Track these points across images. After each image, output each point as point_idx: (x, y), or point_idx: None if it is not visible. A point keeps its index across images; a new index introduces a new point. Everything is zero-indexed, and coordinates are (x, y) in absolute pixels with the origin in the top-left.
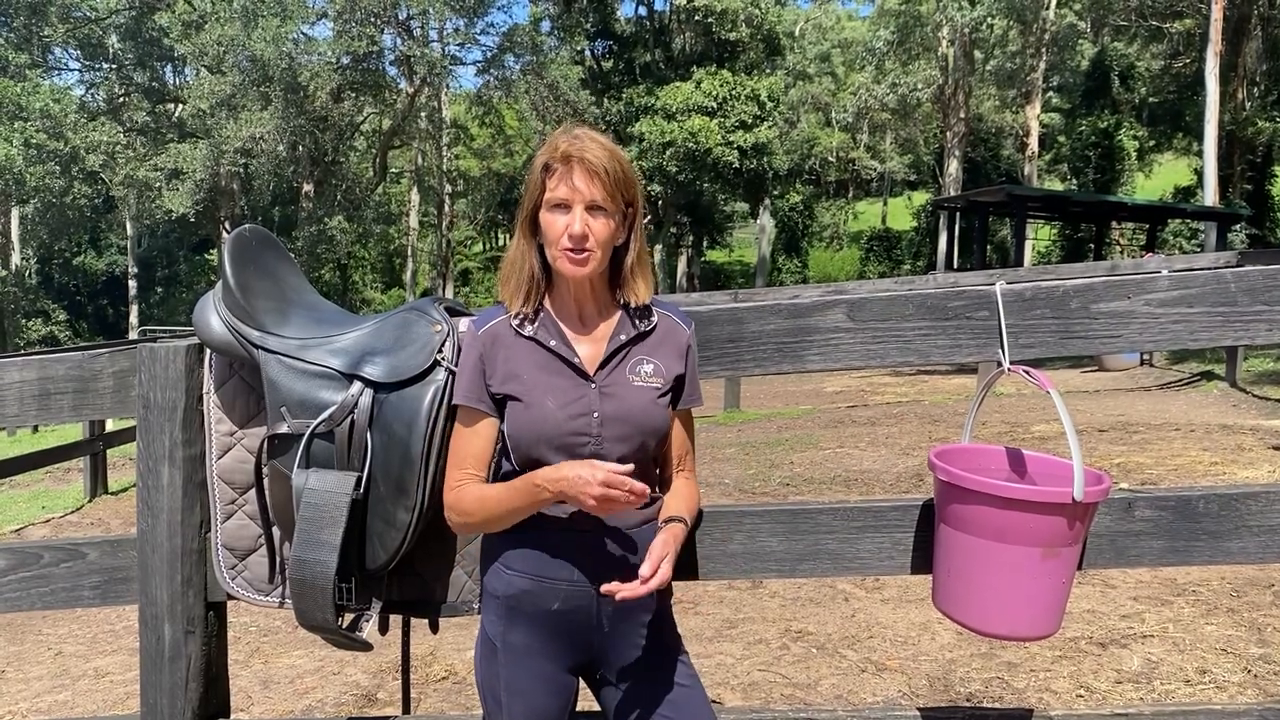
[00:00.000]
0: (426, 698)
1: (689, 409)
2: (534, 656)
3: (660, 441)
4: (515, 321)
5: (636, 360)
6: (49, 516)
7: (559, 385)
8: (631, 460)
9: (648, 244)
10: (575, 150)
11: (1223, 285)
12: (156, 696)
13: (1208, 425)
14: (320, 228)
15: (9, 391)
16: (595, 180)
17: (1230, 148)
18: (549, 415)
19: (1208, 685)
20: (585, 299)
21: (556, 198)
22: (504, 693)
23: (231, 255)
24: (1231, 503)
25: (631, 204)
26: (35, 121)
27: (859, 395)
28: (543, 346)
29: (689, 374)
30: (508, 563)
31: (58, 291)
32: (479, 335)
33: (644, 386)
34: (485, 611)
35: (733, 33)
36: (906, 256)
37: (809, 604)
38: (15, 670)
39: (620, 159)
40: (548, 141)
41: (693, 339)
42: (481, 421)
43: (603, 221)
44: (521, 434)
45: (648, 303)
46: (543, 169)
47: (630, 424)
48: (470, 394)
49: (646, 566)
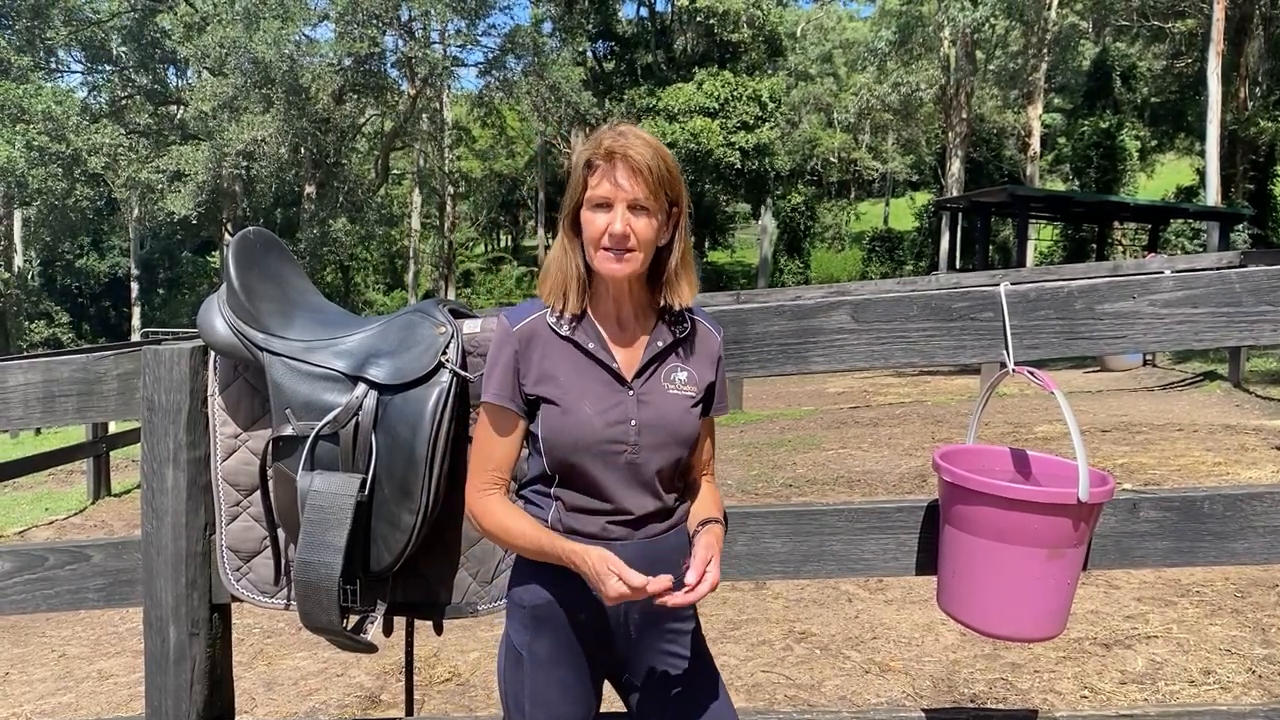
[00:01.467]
0: (430, 699)
1: (713, 416)
2: (559, 666)
3: (692, 450)
4: (553, 320)
5: (672, 368)
6: (52, 518)
7: (596, 390)
8: (665, 470)
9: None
10: (619, 146)
11: (1227, 285)
12: (161, 699)
13: (1211, 425)
14: (323, 230)
15: (14, 394)
16: (638, 178)
17: (1232, 147)
18: (586, 421)
19: (1212, 686)
20: (624, 300)
21: (598, 196)
22: (528, 702)
23: (235, 258)
24: (1236, 503)
25: (676, 203)
26: (38, 124)
27: (862, 396)
28: (580, 349)
29: (719, 383)
30: (536, 573)
31: (60, 293)
32: (514, 332)
33: (679, 395)
34: (510, 619)
35: (734, 33)
36: (909, 257)
37: (812, 605)
38: (19, 672)
39: (665, 156)
40: (591, 137)
41: (722, 347)
42: (511, 422)
43: (645, 221)
44: (558, 439)
45: (689, 305)
46: (584, 166)
47: (667, 432)
48: (502, 393)
49: (693, 573)
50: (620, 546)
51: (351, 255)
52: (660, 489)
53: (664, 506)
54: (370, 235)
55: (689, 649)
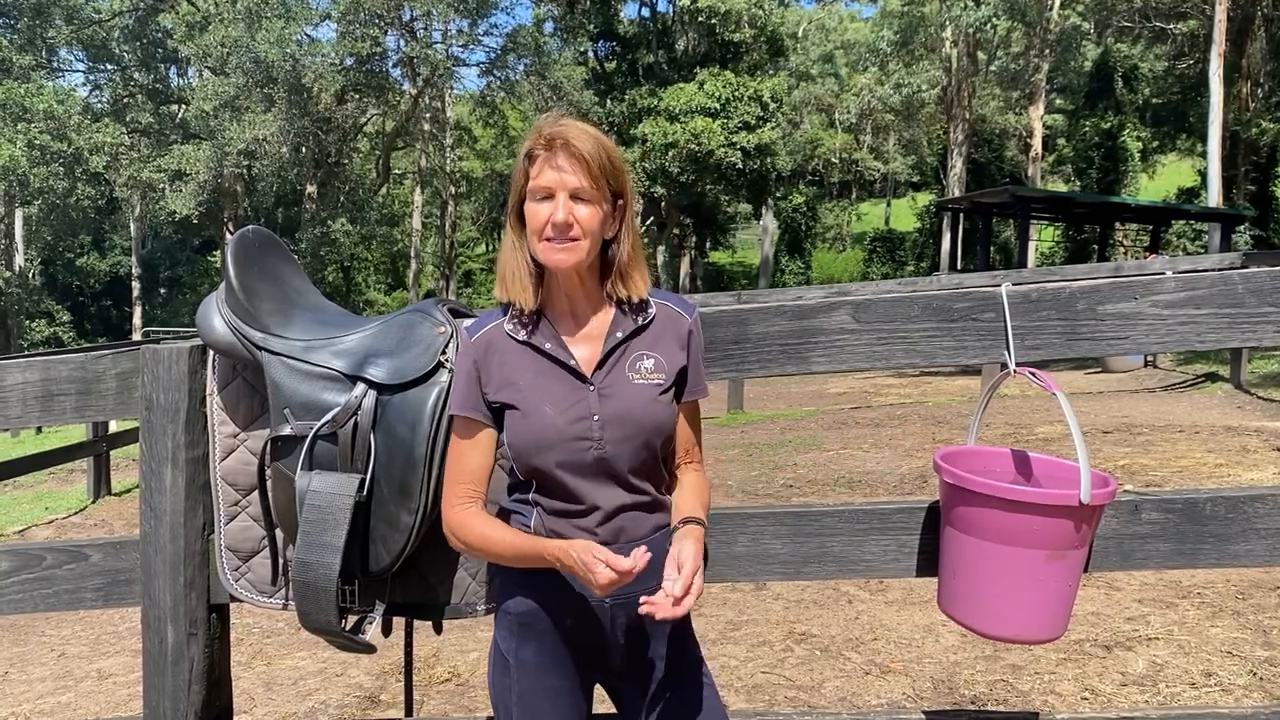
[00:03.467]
0: (429, 700)
1: (695, 400)
2: (547, 672)
3: (667, 439)
4: (510, 326)
5: (636, 356)
6: (52, 518)
7: (556, 390)
8: (637, 463)
9: (650, 245)
10: (558, 133)
11: (1230, 287)
12: (159, 699)
13: (1212, 427)
14: (324, 229)
15: (12, 393)
16: (580, 165)
17: (1234, 149)
18: (548, 422)
19: (1213, 688)
20: (577, 295)
21: (540, 186)
22: (516, 708)
23: (235, 257)
24: (1238, 505)
25: (621, 194)
26: (39, 123)
27: (862, 397)
28: (538, 350)
29: (692, 363)
30: (520, 580)
31: (61, 292)
32: (472, 342)
33: (644, 384)
34: (498, 627)
35: (736, 34)
36: (910, 258)
37: (813, 606)
38: (18, 672)
39: (607, 146)
40: (532, 128)
41: (696, 325)
42: (479, 432)
43: (589, 210)
44: (521, 443)
45: (645, 296)
46: (526, 157)
47: (632, 424)
48: (466, 403)
49: (679, 585)
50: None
51: (352, 255)
52: (634, 481)
53: (643, 499)
54: (371, 235)
55: (678, 652)
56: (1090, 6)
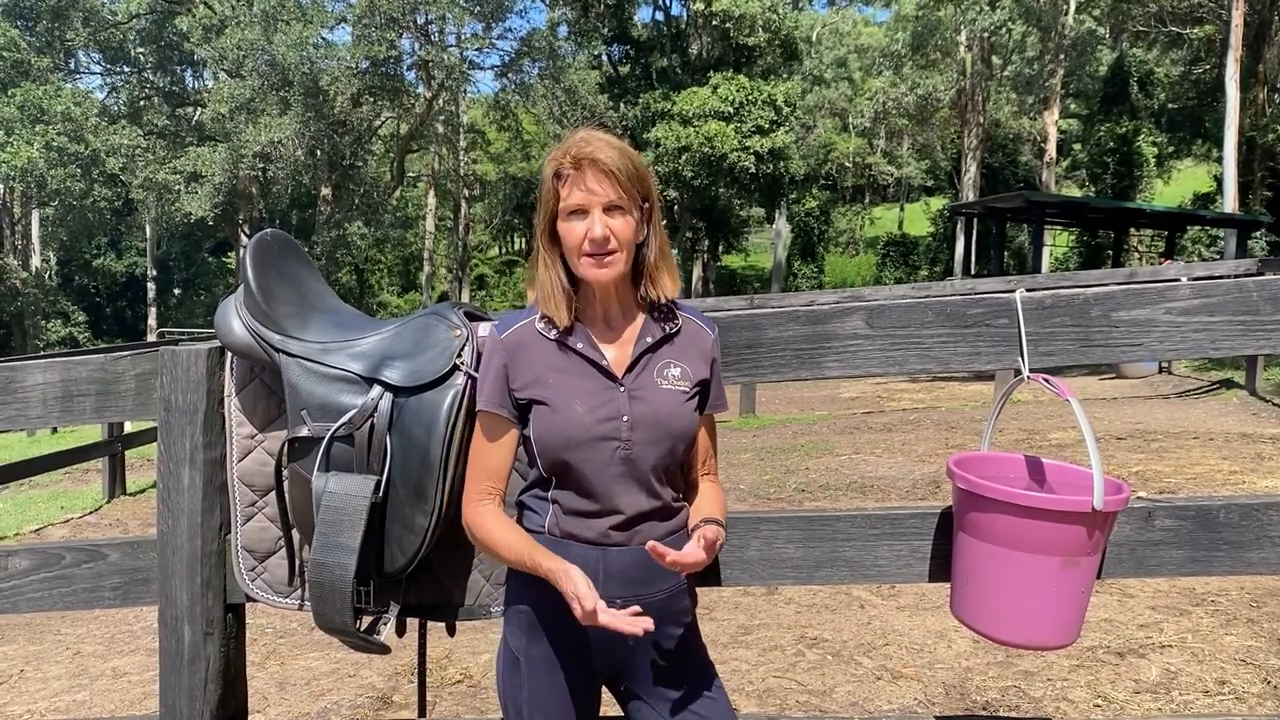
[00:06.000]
0: (442, 701)
1: (712, 413)
2: (556, 671)
3: (689, 445)
4: (541, 325)
5: (664, 363)
6: (68, 517)
7: (587, 388)
8: (661, 466)
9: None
10: (586, 153)
11: (1245, 294)
12: (175, 697)
13: (1227, 434)
14: (338, 232)
15: (33, 393)
16: (610, 180)
17: (1250, 154)
18: (577, 419)
19: (1227, 696)
20: (610, 300)
21: (573, 204)
22: (525, 705)
23: (253, 259)
24: (1253, 512)
25: (648, 199)
26: (57, 124)
27: (875, 401)
28: (570, 350)
29: (714, 379)
30: (532, 578)
31: (77, 293)
32: (502, 340)
33: (672, 389)
34: (508, 624)
35: (750, 38)
36: (924, 262)
37: (824, 610)
38: (34, 669)
39: (631, 156)
40: (557, 147)
41: (717, 345)
42: (503, 429)
43: (623, 220)
44: (549, 439)
45: (673, 303)
46: (554, 176)
47: (661, 427)
48: (493, 399)
49: (690, 545)
50: (618, 553)
51: (366, 257)
52: (656, 485)
53: (661, 505)
54: (385, 238)
55: (686, 652)
56: (1106, 11)
